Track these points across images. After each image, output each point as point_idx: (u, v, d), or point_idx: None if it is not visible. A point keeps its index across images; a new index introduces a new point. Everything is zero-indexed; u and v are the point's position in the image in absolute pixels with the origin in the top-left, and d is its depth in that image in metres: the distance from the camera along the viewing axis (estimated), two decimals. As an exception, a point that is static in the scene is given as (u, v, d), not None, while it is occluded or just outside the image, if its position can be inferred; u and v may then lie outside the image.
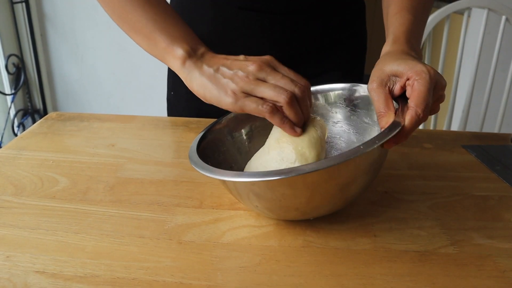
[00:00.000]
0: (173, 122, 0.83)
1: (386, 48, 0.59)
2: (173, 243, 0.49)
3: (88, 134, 0.76)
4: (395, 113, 0.50)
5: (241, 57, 0.55)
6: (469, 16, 1.33)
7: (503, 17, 1.32)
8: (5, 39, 2.26)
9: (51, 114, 0.85)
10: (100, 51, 2.42)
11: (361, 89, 0.62)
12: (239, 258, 0.47)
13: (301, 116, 0.52)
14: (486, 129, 1.37)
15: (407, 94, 0.51)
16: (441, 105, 0.55)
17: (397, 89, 0.52)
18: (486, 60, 1.48)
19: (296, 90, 0.51)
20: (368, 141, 0.45)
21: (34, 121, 2.42)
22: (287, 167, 0.47)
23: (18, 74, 2.36)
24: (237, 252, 0.48)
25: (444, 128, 1.38)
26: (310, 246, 0.49)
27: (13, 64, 2.33)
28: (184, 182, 0.62)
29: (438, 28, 1.55)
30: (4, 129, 2.34)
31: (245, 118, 0.63)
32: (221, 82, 0.53)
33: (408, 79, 0.51)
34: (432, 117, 1.38)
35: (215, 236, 0.50)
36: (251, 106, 0.51)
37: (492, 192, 0.62)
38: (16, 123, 2.40)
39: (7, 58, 2.25)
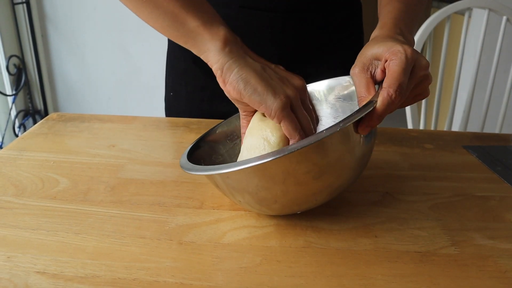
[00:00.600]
0: (173, 123, 0.83)
1: (374, 34, 0.57)
2: (174, 243, 0.49)
3: (89, 135, 0.76)
4: None
5: (273, 65, 0.53)
6: (469, 16, 1.33)
7: (504, 18, 1.32)
8: (6, 40, 2.26)
9: (52, 115, 0.85)
10: (101, 52, 2.42)
11: (344, 81, 0.63)
12: (240, 259, 0.47)
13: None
14: (487, 130, 1.37)
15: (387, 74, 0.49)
16: (442, 105, 0.55)
17: (378, 73, 0.51)
18: (487, 61, 1.48)
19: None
20: (334, 124, 0.44)
21: (35, 122, 2.42)
22: (257, 155, 0.46)
23: (19, 75, 2.36)
24: (237, 253, 0.48)
25: (445, 129, 1.38)
26: (311, 247, 0.49)
27: (14, 65, 2.33)
28: (185, 182, 0.62)
29: (439, 28, 1.55)
30: (5, 130, 2.34)
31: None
32: (270, 82, 0.49)
33: (386, 61, 0.49)
34: (433, 118, 1.38)
35: (216, 236, 0.50)
36: (290, 123, 0.48)
37: (493, 193, 0.62)
38: (17, 124, 2.40)
39: (8, 59, 2.25)
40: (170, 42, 0.91)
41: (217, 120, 0.81)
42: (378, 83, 0.51)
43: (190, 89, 0.88)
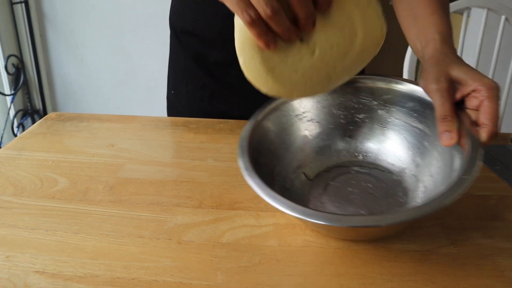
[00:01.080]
0: (173, 122, 0.83)
1: (436, 46, 0.57)
2: (173, 243, 0.49)
3: (87, 135, 0.76)
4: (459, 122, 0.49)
5: None
6: (468, 16, 1.33)
7: (503, 17, 1.32)
8: (4, 39, 2.26)
9: (50, 115, 0.85)
10: (100, 52, 2.42)
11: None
12: (239, 258, 0.47)
13: (290, 27, 0.46)
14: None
15: (471, 105, 0.50)
16: None
17: (457, 96, 0.51)
18: (486, 60, 1.48)
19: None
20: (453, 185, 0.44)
21: (33, 122, 2.42)
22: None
23: (17, 75, 2.36)
24: (237, 252, 0.48)
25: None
26: (310, 246, 0.49)
27: (13, 64, 2.33)
28: (184, 182, 0.62)
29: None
30: (4, 129, 2.34)
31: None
32: None
33: (474, 91, 0.50)
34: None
35: (215, 236, 0.50)
36: (232, 3, 0.45)
37: (492, 192, 0.62)
38: (15, 124, 2.40)
39: (7, 58, 2.25)
40: (172, 41, 0.91)
41: (216, 119, 0.81)
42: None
43: (190, 88, 0.88)
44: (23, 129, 2.42)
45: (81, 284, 0.43)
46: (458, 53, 1.33)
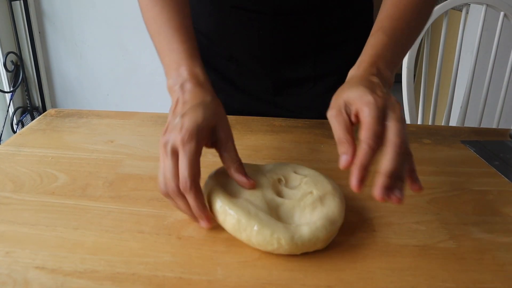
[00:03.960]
0: (172, 119, 0.83)
1: (351, 73, 0.56)
2: (173, 238, 0.49)
3: (87, 131, 0.76)
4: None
5: (177, 119, 0.51)
6: (467, 12, 1.33)
7: (502, 13, 1.31)
8: (3, 36, 2.25)
9: (49, 111, 0.85)
10: (99, 49, 2.42)
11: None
12: (239, 253, 0.47)
13: (194, 208, 0.49)
14: (484, 125, 1.37)
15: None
16: (439, 101, 0.54)
17: (353, 118, 0.50)
18: (485, 56, 1.48)
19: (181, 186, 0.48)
20: None
21: (33, 119, 2.42)
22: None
23: (16, 72, 2.36)
24: (236, 247, 0.48)
25: (443, 124, 1.38)
26: (310, 241, 0.49)
27: (12, 61, 2.33)
28: (183, 178, 0.62)
29: (436, 24, 1.55)
30: (3, 126, 2.34)
31: None
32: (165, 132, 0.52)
33: (357, 110, 0.49)
34: (430, 113, 1.38)
35: (215, 231, 0.50)
36: (159, 178, 0.51)
37: (491, 187, 0.62)
38: (15, 121, 2.40)
39: (6, 55, 2.25)
40: None
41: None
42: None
43: None
44: (23, 126, 2.42)
45: (81, 279, 0.43)
46: (457, 50, 1.34)
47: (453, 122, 1.46)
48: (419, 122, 1.37)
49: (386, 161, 0.44)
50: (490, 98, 1.38)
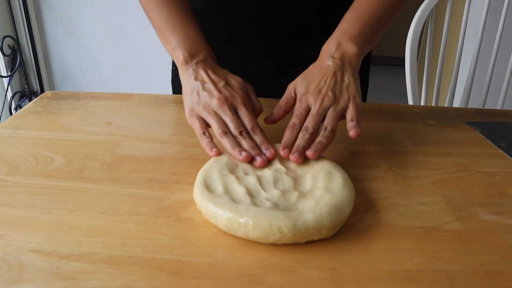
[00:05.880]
0: (170, 100, 0.81)
1: (320, 54, 0.66)
2: (172, 220, 0.48)
3: (84, 113, 0.75)
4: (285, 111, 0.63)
5: (222, 83, 0.61)
6: (472, -8, 1.30)
7: (507, -6, 1.29)
8: (-1, 20, 2.22)
9: (46, 93, 0.83)
10: (97, 32, 2.39)
11: None
12: (240, 235, 0.46)
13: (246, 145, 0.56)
14: (488, 107, 1.35)
15: None
16: (443, 82, 0.55)
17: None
18: (489, 40, 1.45)
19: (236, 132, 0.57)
20: None
21: (31, 104, 2.40)
22: None
23: (14, 56, 2.33)
24: (237, 229, 0.47)
25: (446, 106, 1.36)
26: (312, 223, 0.48)
27: (9, 46, 2.30)
28: (183, 159, 0.60)
29: (440, 6, 1.52)
30: (1, 111, 2.32)
31: None
32: (191, 98, 0.61)
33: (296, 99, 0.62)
34: (434, 95, 1.36)
35: (215, 213, 0.49)
36: (195, 129, 0.59)
37: (497, 168, 0.61)
38: (13, 106, 2.38)
39: (2, 39, 2.21)
40: None
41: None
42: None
43: None
44: (21, 111, 2.40)
45: (77, 262, 0.41)
46: (461, 32, 1.31)
47: (456, 104, 1.45)
48: (422, 103, 1.35)
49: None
50: (494, 81, 1.36)
